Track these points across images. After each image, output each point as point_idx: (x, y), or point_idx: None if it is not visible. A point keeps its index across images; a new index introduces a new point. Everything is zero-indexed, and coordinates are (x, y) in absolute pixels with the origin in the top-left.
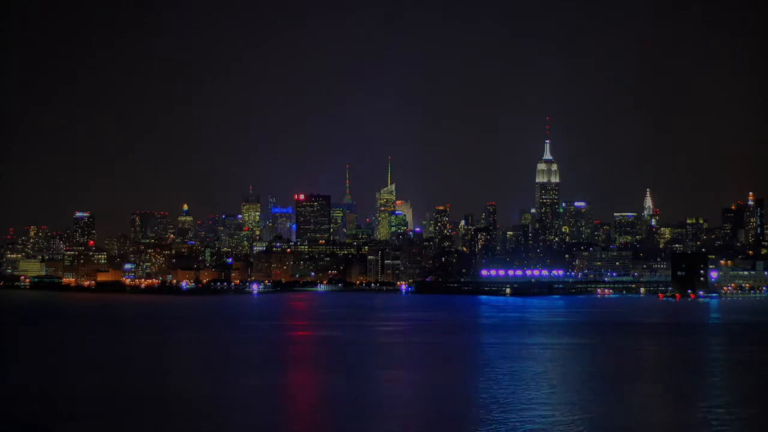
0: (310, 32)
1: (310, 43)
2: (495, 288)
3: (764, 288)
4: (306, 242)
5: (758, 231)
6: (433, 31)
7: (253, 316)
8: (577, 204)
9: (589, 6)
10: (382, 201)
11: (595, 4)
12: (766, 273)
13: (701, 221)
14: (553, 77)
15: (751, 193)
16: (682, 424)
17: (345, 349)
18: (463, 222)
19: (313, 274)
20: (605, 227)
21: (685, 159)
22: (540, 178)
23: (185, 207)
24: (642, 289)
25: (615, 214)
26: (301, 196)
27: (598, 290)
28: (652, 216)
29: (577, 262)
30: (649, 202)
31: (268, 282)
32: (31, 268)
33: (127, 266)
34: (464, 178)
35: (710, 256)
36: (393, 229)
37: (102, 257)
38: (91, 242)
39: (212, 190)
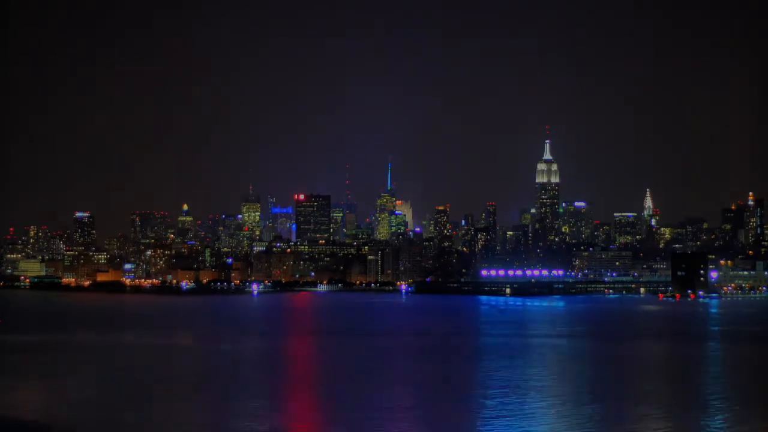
0: (309, 32)
1: (309, 42)
2: (495, 288)
3: (764, 288)
4: (306, 242)
5: (758, 231)
6: (433, 31)
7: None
8: (577, 204)
9: (589, 7)
10: (382, 201)
11: (595, 5)
12: (766, 273)
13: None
14: (554, 77)
15: (751, 193)
16: None
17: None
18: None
19: (313, 274)
20: (605, 227)
21: (685, 159)
22: (540, 178)
23: (185, 207)
24: (642, 289)
25: (615, 214)
26: (301, 196)
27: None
28: (652, 216)
29: (577, 262)
30: (649, 202)
31: (268, 282)
32: (31, 268)
33: (127, 266)
34: (464, 178)
35: (710, 256)
36: (393, 229)
37: (102, 257)
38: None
39: (212, 190)
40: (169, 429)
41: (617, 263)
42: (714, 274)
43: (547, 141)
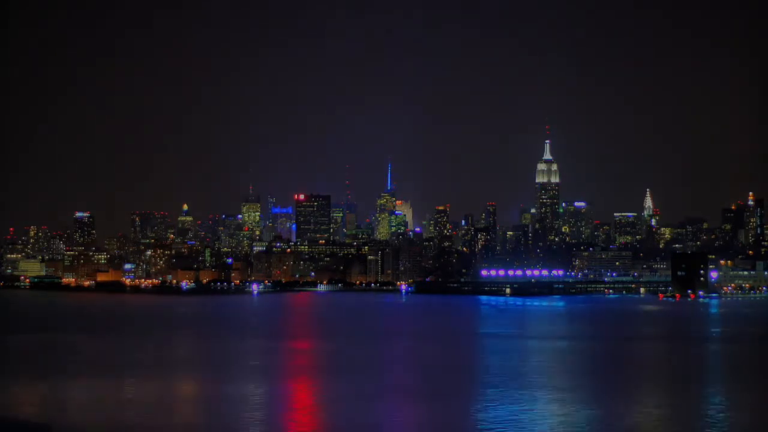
0: (309, 32)
1: (309, 43)
2: (495, 288)
3: (764, 288)
4: (306, 242)
5: (758, 231)
6: (433, 31)
7: None
8: (577, 204)
9: (589, 7)
10: (382, 201)
11: (595, 5)
12: (766, 273)
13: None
14: (554, 77)
15: (751, 193)
16: None
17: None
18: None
19: (313, 274)
20: (605, 227)
21: (685, 159)
22: (540, 178)
23: (185, 207)
24: (642, 289)
25: (615, 214)
26: (301, 196)
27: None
28: (652, 216)
29: (577, 262)
30: (649, 202)
31: (268, 282)
32: (31, 268)
33: (127, 266)
34: (464, 178)
35: (710, 256)
36: (393, 229)
37: (102, 257)
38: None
39: (212, 190)
40: (168, 429)
41: (617, 263)
42: (714, 274)
43: (547, 141)
